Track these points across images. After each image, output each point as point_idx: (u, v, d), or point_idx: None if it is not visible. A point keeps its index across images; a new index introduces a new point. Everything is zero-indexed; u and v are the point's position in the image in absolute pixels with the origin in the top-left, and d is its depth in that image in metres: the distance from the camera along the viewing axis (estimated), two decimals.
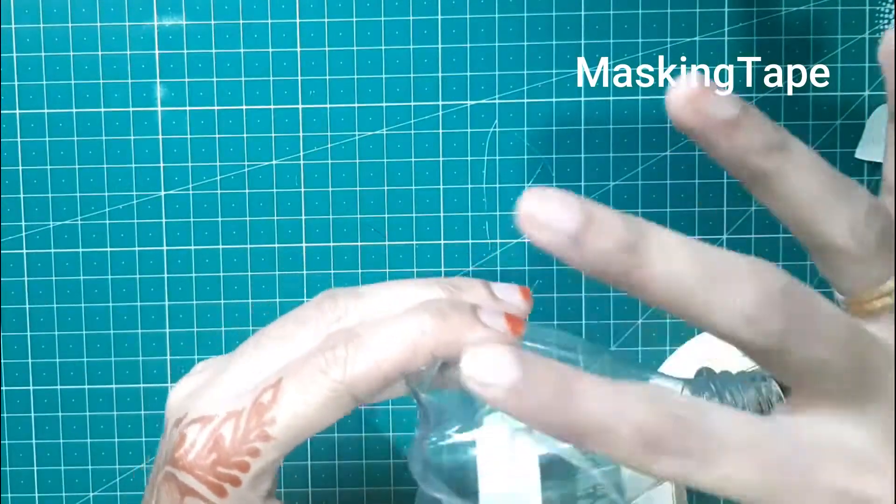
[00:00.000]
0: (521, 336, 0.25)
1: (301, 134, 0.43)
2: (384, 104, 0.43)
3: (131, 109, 0.43)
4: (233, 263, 0.43)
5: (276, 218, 0.43)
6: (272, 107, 0.43)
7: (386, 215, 0.43)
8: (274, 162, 0.43)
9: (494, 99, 0.43)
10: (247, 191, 0.43)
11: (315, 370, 0.25)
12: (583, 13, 0.43)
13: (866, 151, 0.43)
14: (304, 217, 0.43)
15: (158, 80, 0.43)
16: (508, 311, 0.26)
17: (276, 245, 0.43)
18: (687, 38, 0.43)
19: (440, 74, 0.43)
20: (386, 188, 0.43)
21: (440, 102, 0.43)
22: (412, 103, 0.43)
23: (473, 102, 0.43)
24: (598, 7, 0.43)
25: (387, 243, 0.43)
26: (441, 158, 0.43)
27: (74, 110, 0.43)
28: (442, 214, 0.43)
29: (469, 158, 0.43)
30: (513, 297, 0.27)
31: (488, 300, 0.27)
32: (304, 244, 0.43)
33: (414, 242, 0.43)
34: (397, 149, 0.43)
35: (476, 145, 0.43)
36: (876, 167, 0.43)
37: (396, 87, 0.43)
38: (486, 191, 0.43)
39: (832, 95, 0.43)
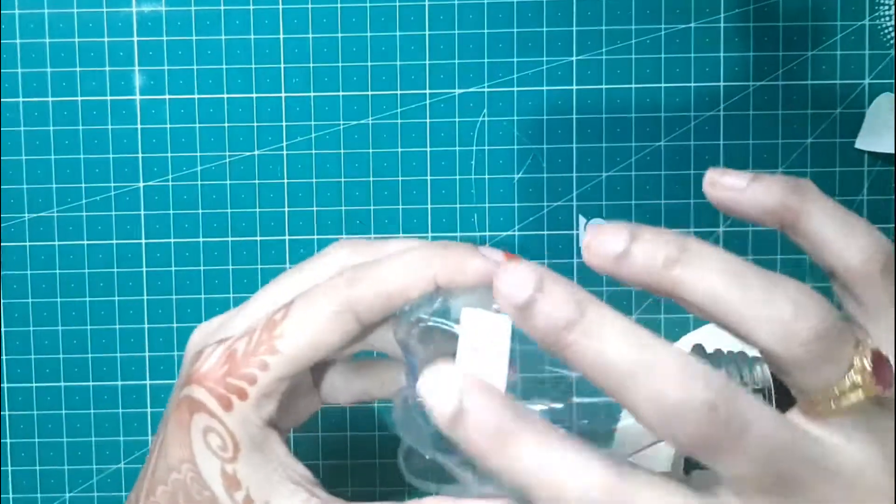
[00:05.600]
0: None
1: (284, 123, 0.42)
2: (370, 92, 0.42)
3: (109, 98, 0.42)
4: (213, 257, 0.42)
5: (258, 210, 0.42)
6: (254, 95, 0.42)
7: (371, 207, 0.42)
8: (256, 152, 0.42)
9: (483, 87, 0.42)
10: (228, 182, 0.42)
11: (324, 288, 0.26)
12: None
13: (866, 141, 0.42)
14: (286, 209, 0.42)
15: (137, 67, 0.42)
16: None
17: (259, 238, 0.42)
18: (682, 24, 0.42)
19: (427, 62, 0.42)
20: (371, 179, 0.42)
21: (427, 91, 0.42)
22: (398, 92, 0.42)
23: (462, 91, 0.42)
24: None
25: (373, 236, 0.42)
26: (428, 148, 0.42)
27: (50, 99, 0.41)
28: (429, 206, 0.42)
29: (457, 148, 0.42)
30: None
31: None
32: (286, 237, 0.42)
33: (400, 235, 0.42)
34: (383, 138, 0.42)
35: (464, 135, 0.42)
36: (876, 158, 0.42)
37: (382, 74, 0.42)
38: (474, 182, 0.42)
39: (831, 84, 0.42)
